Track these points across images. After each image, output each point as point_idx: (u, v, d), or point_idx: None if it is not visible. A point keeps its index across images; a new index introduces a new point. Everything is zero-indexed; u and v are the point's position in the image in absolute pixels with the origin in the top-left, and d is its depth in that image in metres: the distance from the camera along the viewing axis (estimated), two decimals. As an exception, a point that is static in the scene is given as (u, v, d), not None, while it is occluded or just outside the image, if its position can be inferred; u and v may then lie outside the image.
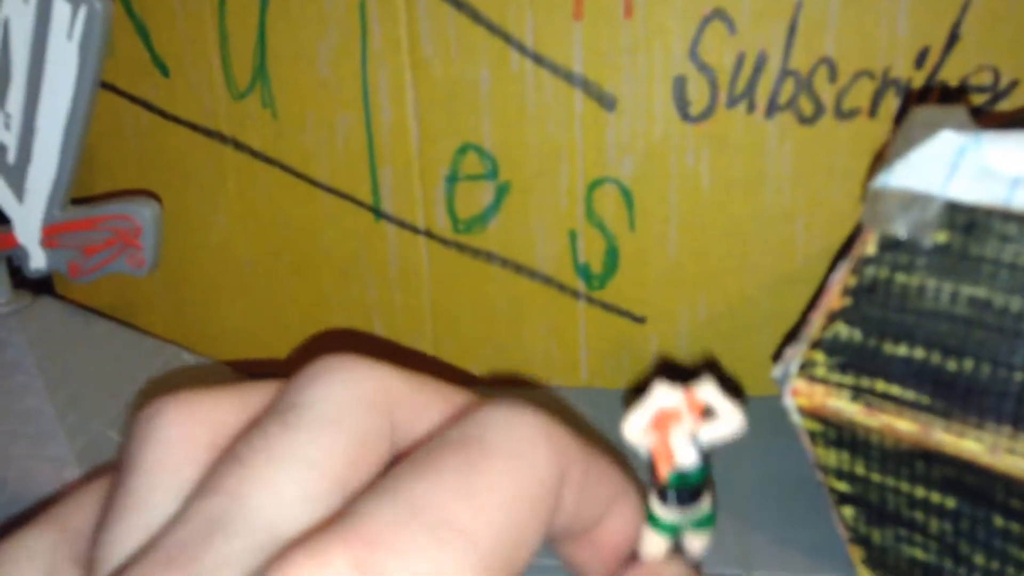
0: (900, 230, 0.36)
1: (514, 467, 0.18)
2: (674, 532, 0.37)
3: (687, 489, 0.34)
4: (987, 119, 0.46)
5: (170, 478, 0.20)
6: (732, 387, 0.38)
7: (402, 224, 0.58)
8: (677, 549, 0.36)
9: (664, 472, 0.33)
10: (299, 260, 0.60)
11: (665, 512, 0.36)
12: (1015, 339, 0.34)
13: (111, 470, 0.22)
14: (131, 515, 0.19)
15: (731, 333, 0.56)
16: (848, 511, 0.41)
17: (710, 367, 0.56)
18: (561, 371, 0.59)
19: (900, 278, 0.37)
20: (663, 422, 0.34)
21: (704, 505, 0.36)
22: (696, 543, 0.39)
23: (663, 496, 0.35)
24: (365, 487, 0.18)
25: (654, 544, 0.38)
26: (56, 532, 0.21)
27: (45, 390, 0.49)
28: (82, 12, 0.45)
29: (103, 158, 0.58)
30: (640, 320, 0.58)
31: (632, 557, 0.23)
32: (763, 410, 0.50)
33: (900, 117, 0.50)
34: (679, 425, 0.33)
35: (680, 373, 0.57)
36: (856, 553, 0.42)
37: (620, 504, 0.22)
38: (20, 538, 0.21)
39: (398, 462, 0.19)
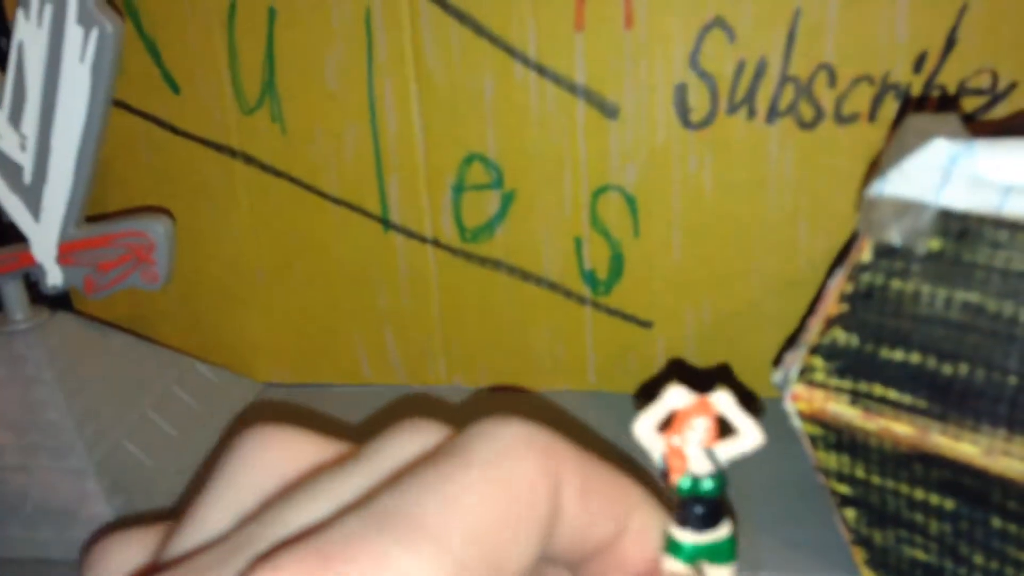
0: (895, 237, 0.36)
1: (493, 474, 0.18)
2: (693, 558, 0.36)
3: (703, 504, 0.33)
4: (981, 126, 0.47)
5: (235, 499, 0.20)
6: (746, 396, 0.39)
7: (410, 234, 0.59)
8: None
9: (676, 478, 0.32)
10: (310, 270, 0.61)
11: (683, 534, 0.35)
12: (1008, 343, 0.34)
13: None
14: (189, 529, 0.20)
15: (737, 336, 0.57)
16: (850, 513, 0.41)
17: (722, 374, 0.56)
18: (569, 376, 0.60)
19: (895, 284, 0.37)
20: (676, 425, 0.34)
21: (723, 531, 0.35)
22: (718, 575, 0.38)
23: (681, 513, 0.35)
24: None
25: (674, 571, 0.38)
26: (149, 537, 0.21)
27: (64, 403, 0.50)
28: (94, 34, 0.46)
29: (116, 174, 0.59)
30: (646, 325, 0.58)
31: None
32: (767, 412, 0.50)
33: (898, 121, 0.50)
34: (693, 430, 0.33)
35: (692, 376, 0.57)
36: (859, 554, 0.43)
37: (638, 517, 0.21)
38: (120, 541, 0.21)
39: None
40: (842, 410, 0.39)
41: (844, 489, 0.41)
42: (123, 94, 0.58)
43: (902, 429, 0.37)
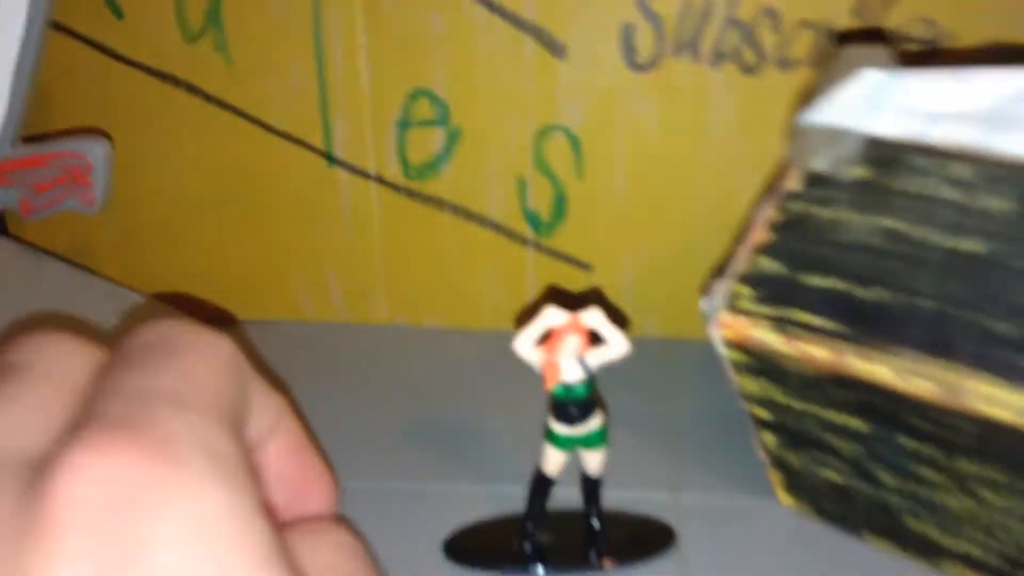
0: (821, 165, 0.37)
1: (207, 350, 0.20)
2: (569, 447, 0.40)
3: (575, 404, 0.37)
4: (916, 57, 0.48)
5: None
6: (618, 318, 0.40)
7: (354, 169, 0.59)
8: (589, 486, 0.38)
9: (549, 384, 0.36)
10: (252, 205, 0.61)
11: (560, 427, 0.39)
12: (923, 267, 0.35)
13: None
14: None
15: (675, 278, 0.58)
16: (768, 437, 0.43)
17: (598, 298, 0.57)
18: (508, 317, 0.61)
19: (820, 212, 0.38)
20: (551, 341, 0.37)
21: (594, 423, 0.39)
22: (592, 461, 0.41)
23: (555, 412, 0.39)
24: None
25: (552, 460, 0.41)
26: None
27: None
28: (31, -52, 0.45)
29: (56, 99, 0.58)
30: (586, 267, 0.59)
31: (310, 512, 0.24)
32: (698, 352, 0.51)
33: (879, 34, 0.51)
34: (565, 344, 0.36)
35: (571, 300, 0.59)
36: (775, 477, 0.44)
37: (286, 422, 0.23)
38: None
39: None
40: (765, 336, 0.40)
41: (763, 414, 0.42)
42: (65, 18, 0.57)
43: (820, 353, 0.38)
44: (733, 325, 0.40)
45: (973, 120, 0.34)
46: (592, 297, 0.58)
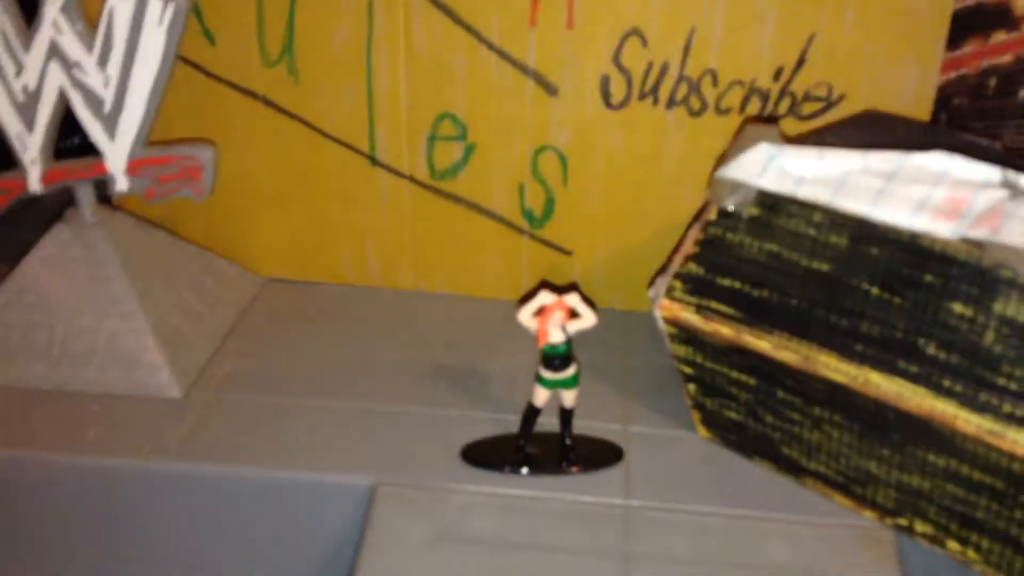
0: (730, 205, 0.55)
1: None
2: (552, 387, 0.58)
3: (558, 357, 0.55)
4: (808, 134, 0.65)
5: None
6: (590, 300, 0.57)
7: (392, 170, 0.75)
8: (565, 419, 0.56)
9: (541, 343, 0.55)
10: (310, 193, 0.77)
11: (547, 374, 0.57)
12: (791, 278, 0.54)
13: None
14: None
15: (635, 264, 0.75)
16: (691, 387, 0.61)
17: (576, 288, 0.76)
18: (507, 288, 0.78)
19: (728, 236, 0.56)
20: (543, 314, 0.55)
21: (571, 370, 0.57)
22: (568, 397, 0.59)
23: (544, 362, 0.57)
24: None
25: (540, 396, 0.59)
26: None
27: (127, 279, 0.67)
28: (171, 7, 0.62)
29: (163, 107, 0.74)
30: (568, 253, 0.77)
31: None
32: (650, 323, 0.69)
33: (758, 117, 0.68)
34: (553, 316, 0.54)
35: (556, 288, 0.77)
36: (695, 416, 0.62)
37: None
38: None
39: None
40: (690, 317, 0.58)
41: (688, 370, 0.60)
42: (170, 42, 0.73)
43: (725, 331, 0.56)
44: (669, 308, 0.58)
45: (825, 184, 0.52)
46: (572, 286, 0.76)
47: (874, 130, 0.62)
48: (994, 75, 0.79)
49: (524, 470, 0.60)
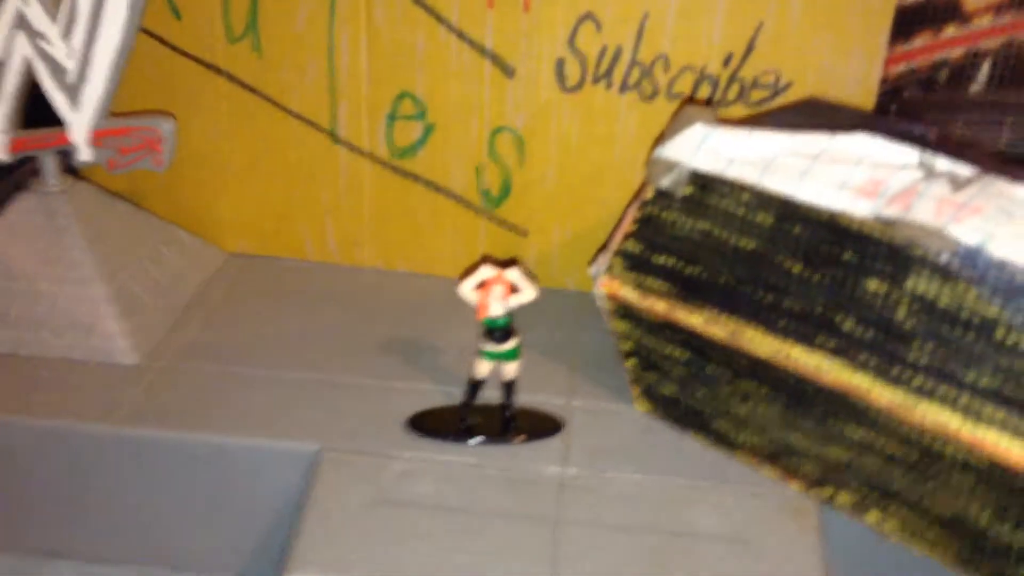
0: (665, 184, 0.57)
1: None
2: (493, 359, 0.60)
3: (499, 330, 0.57)
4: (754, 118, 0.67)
5: None
6: (531, 275, 0.59)
7: (352, 147, 0.77)
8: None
9: (480, 316, 0.56)
10: (271, 169, 0.79)
11: (488, 346, 0.59)
12: (721, 255, 0.55)
13: None
14: None
15: (588, 244, 0.77)
16: (630, 362, 0.63)
17: (515, 262, 0.78)
18: (464, 267, 0.80)
19: (664, 215, 0.58)
20: (484, 287, 0.57)
21: (511, 343, 0.59)
22: (509, 369, 0.61)
23: (485, 334, 0.58)
24: None
25: (482, 368, 0.61)
26: None
27: (87, 247, 0.68)
28: (132, -19, 0.63)
29: (126, 80, 0.76)
30: (524, 233, 0.78)
31: None
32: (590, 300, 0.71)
33: (709, 101, 0.70)
34: (493, 290, 0.56)
35: (498, 263, 0.79)
36: (635, 390, 0.64)
37: None
38: None
39: None
40: (628, 293, 0.59)
41: (627, 346, 0.62)
42: (136, 17, 0.74)
43: (660, 306, 0.58)
44: (609, 285, 0.60)
45: (754, 164, 0.53)
46: (513, 261, 0.77)
47: (813, 116, 0.63)
48: (945, 68, 0.81)
49: (466, 439, 0.62)
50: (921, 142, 0.52)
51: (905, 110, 0.80)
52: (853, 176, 0.50)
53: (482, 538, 0.55)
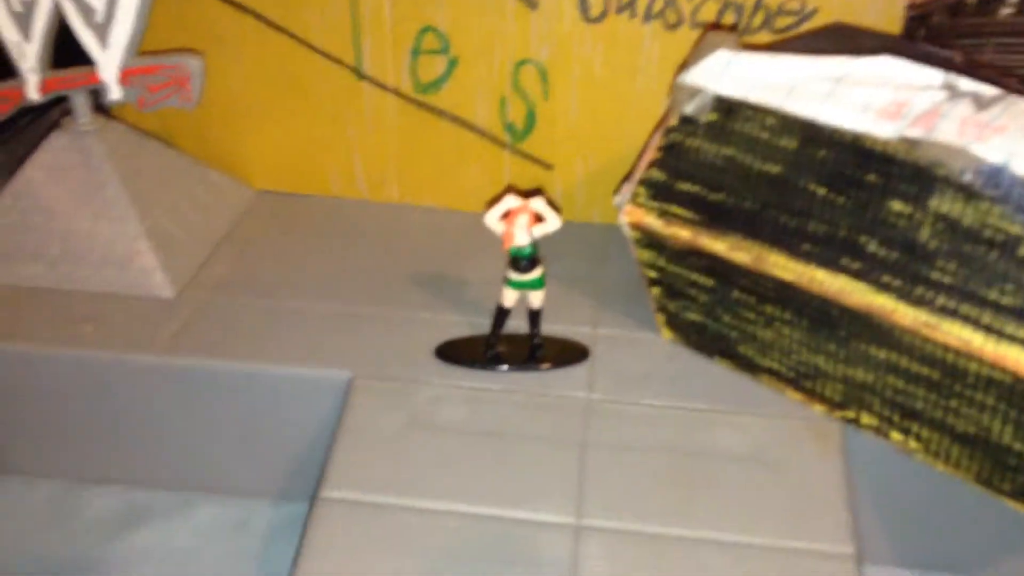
0: (689, 110, 0.57)
1: None
2: (519, 288, 0.61)
3: (523, 260, 0.58)
4: (775, 44, 0.67)
5: None
6: (555, 205, 0.60)
7: (377, 83, 0.78)
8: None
9: (507, 246, 0.57)
10: (297, 106, 0.80)
11: (514, 275, 0.60)
12: (746, 181, 0.56)
13: None
14: None
15: (612, 178, 0.77)
16: (655, 290, 0.64)
17: (540, 192, 0.77)
18: (488, 202, 0.81)
19: (688, 141, 0.58)
20: (510, 217, 0.57)
21: (537, 272, 0.60)
22: (535, 298, 0.62)
23: (511, 264, 0.59)
24: None
25: (508, 297, 0.62)
26: None
27: (121, 184, 0.70)
28: (156, -83, 0.64)
29: (153, 21, 0.76)
30: (549, 167, 0.79)
31: None
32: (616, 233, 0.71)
33: (733, 28, 0.70)
34: (519, 220, 0.57)
35: (524, 193, 0.79)
36: (660, 319, 0.65)
37: None
38: None
39: None
40: (652, 222, 0.60)
41: (652, 274, 0.63)
42: (160, -45, 0.75)
43: (685, 233, 0.59)
44: (633, 214, 0.61)
45: (777, 88, 0.54)
46: (537, 191, 0.78)
47: (837, 41, 0.63)
48: (974, -7, 0.80)
49: (493, 366, 0.63)
50: (946, 65, 0.52)
51: (933, 36, 0.79)
52: (876, 98, 0.50)
53: (510, 459, 0.57)
